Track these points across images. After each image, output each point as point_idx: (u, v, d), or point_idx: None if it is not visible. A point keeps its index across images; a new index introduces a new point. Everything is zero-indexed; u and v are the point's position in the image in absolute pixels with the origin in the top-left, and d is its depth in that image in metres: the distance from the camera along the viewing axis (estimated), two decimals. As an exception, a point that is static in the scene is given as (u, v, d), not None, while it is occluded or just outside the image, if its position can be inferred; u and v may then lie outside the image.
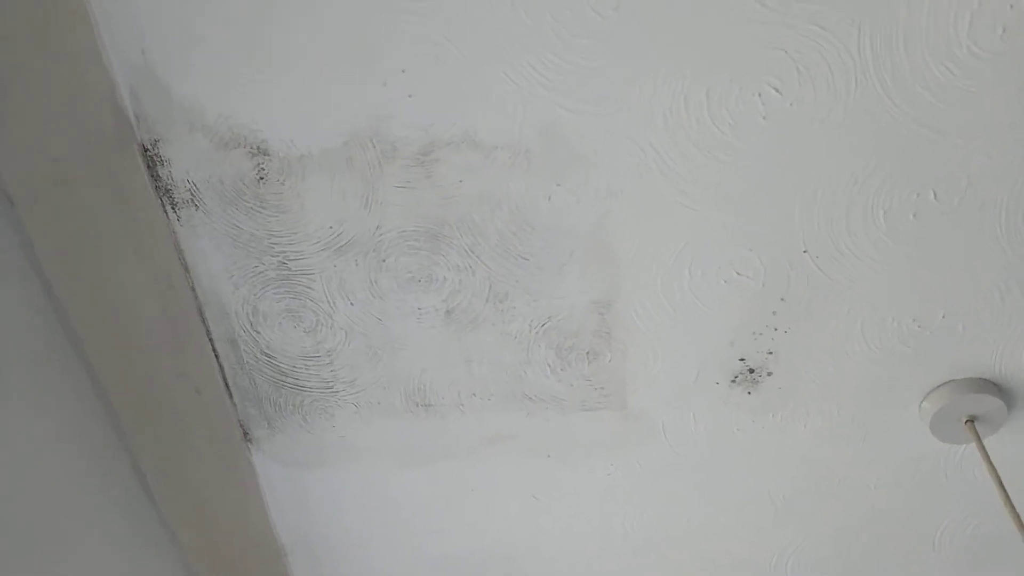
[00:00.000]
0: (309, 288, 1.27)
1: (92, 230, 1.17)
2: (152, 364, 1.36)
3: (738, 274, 1.23)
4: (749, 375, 1.35)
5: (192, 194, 1.19)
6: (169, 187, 1.18)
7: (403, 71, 1.05)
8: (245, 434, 1.52)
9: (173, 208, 1.20)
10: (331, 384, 1.40)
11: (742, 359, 1.33)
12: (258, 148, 1.13)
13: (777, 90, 1.06)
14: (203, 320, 1.35)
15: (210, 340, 1.37)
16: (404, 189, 1.14)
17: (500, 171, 1.12)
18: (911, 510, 1.55)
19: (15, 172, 1.08)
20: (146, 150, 1.14)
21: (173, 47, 1.05)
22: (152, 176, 1.17)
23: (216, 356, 1.40)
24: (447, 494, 1.52)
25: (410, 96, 1.07)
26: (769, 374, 1.34)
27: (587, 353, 1.33)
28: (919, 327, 1.27)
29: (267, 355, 1.38)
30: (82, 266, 1.19)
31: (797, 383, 1.35)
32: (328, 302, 1.29)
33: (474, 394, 1.39)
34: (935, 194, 1.13)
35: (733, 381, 1.35)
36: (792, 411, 1.39)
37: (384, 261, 1.22)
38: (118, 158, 1.13)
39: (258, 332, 1.34)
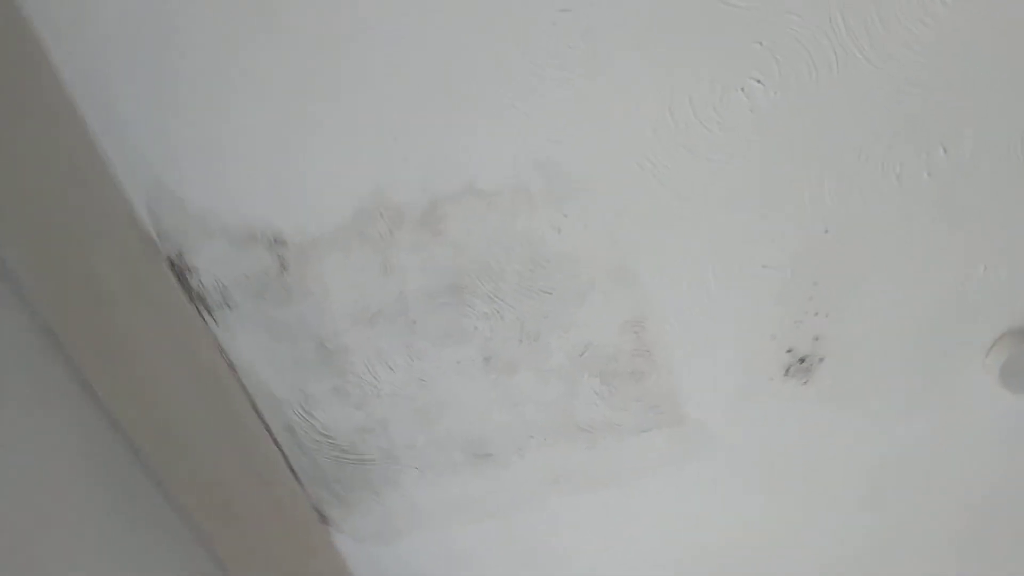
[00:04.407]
0: (350, 363, 1.30)
1: (135, 345, 1.23)
2: (217, 464, 1.40)
3: (764, 267, 1.22)
4: (800, 364, 1.32)
5: (223, 296, 1.24)
6: (201, 294, 1.23)
7: (395, 139, 1.09)
8: (321, 517, 1.55)
9: (209, 313, 1.26)
10: (390, 452, 1.42)
11: (789, 350, 1.30)
12: (274, 239, 1.17)
13: (759, 82, 1.06)
14: (258, 413, 1.39)
15: (268, 431, 1.41)
16: (417, 250, 1.17)
17: (505, 214, 1.14)
18: (1005, 476, 1.48)
19: (51, 299, 1.15)
20: (173, 263, 1.20)
21: (182, 161, 1.11)
22: (184, 286, 1.23)
23: (277, 445, 1.43)
24: (522, 540, 1.52)
25: (405, 160, 1.10)
26: (821, 360, 1.31)
27: (631, 374, 1.32)
28: (962, 285, 1.23)
29: (325, 435, 1.41)
30: (131, 382, 1.25)
31: (851, 364, 1.32)
32: (371, 373, 1.31)
33: (530, 436, 1.40)
34: (944, 149, 1.11)
35: (786, 373, 1.33)
36: (853, 393, 1.36)
37: (415, 323, 1.25)
38: (149, 273, 1.20)
39: (311, 415, 1.38)
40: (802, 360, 1.31)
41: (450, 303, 1.23)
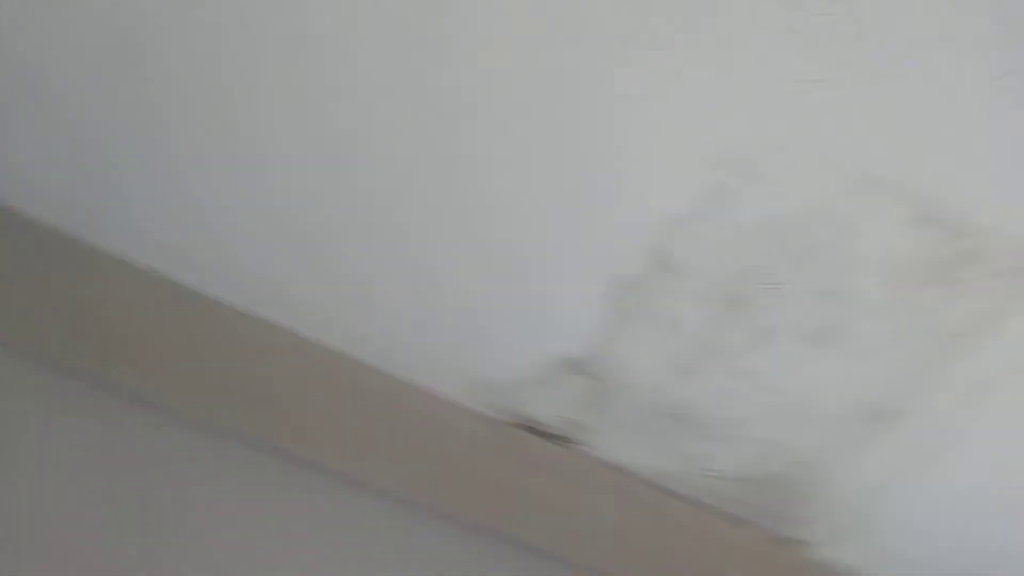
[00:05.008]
0: (702, 413, 1.37)
1: (547, 504, 1.44)
2: (680, 555, 1.54)
3: (1009, 73, 1.04)
4: None
5: (575, 425, 1.40)
6: (558, 434, 1.42)
7: (586, 229, 1.19)
8: (787, 541, 1.58)
9: (575, 443, 1.43)
10: (799, 460, 1.43)
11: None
12: (570, 361, 1.32)
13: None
14: (675, 496, 1.50)
15: (690, 503, 1.51)
16: (673, 295, 1.23)
17: (717, 219, 1.15)
18: None
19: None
20: (523, 425, 1.41)
21: (457, 337, 1.33)
22: (543, 436, 1.42)
23: (708, 508, 1.52)
24: (989, 478, 1.38)
25: (609, 239, 1.19)
26: None
27: (962, 257, 1.18)
28: None
29: (736, 479, 1.47)
30: (555, 528, 1.45)
31: None
32: (723, 409, 1.36)
33: (914, 373, 1.30)
34: None
35: None
36: None
37: (722, 350, 1.28)
38: (515, 446, 1.41)
39: (710, 469, 1.45)
40: None
41: (735, 316, 1.24)
